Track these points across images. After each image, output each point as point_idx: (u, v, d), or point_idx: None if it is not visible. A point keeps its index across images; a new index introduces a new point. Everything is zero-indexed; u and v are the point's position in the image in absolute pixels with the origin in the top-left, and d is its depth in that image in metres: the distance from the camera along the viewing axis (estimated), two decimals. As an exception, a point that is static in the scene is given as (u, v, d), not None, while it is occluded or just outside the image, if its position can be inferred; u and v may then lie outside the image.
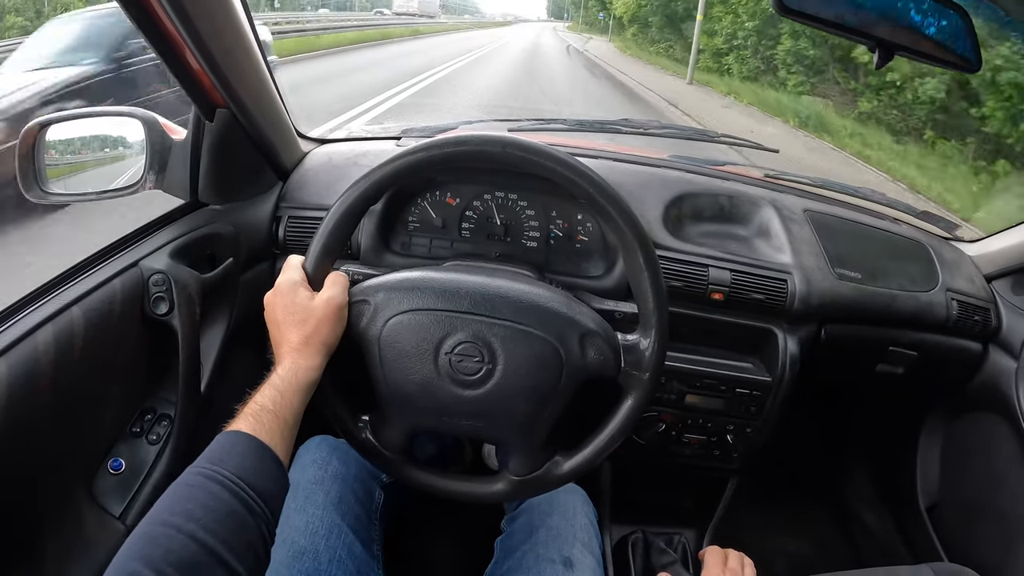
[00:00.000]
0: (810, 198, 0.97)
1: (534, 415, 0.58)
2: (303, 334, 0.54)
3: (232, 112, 0.72)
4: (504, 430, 0.59)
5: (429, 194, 0.84)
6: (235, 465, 0.44)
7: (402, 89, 7.09)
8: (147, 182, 0.74)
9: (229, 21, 0.63)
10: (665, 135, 0.98)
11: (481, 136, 0.57)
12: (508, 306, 0.56)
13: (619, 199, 0.56)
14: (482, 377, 0.56)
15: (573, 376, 0.56)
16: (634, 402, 0.58)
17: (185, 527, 0.39)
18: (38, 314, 0.57)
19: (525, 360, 0.56)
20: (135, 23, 0.59)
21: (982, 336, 0.93)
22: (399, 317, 0.56)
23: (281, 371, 0.52)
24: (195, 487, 0.42)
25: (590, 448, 0.60)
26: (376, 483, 0.75)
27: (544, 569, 0.65)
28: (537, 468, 0.61)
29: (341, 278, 0.58)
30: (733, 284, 0.82)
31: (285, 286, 0.56)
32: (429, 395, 0.57)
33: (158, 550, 0.38)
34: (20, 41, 4.00)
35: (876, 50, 0.61)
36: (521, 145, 0.56)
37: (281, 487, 0.48)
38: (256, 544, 0.42)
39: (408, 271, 0.60)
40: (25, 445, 0.55)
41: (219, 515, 0.41)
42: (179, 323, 0.68)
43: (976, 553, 0.96)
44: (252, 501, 0.43)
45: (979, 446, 1.00)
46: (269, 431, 0.48)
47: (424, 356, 0.56)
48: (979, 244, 1.00)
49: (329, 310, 0.55)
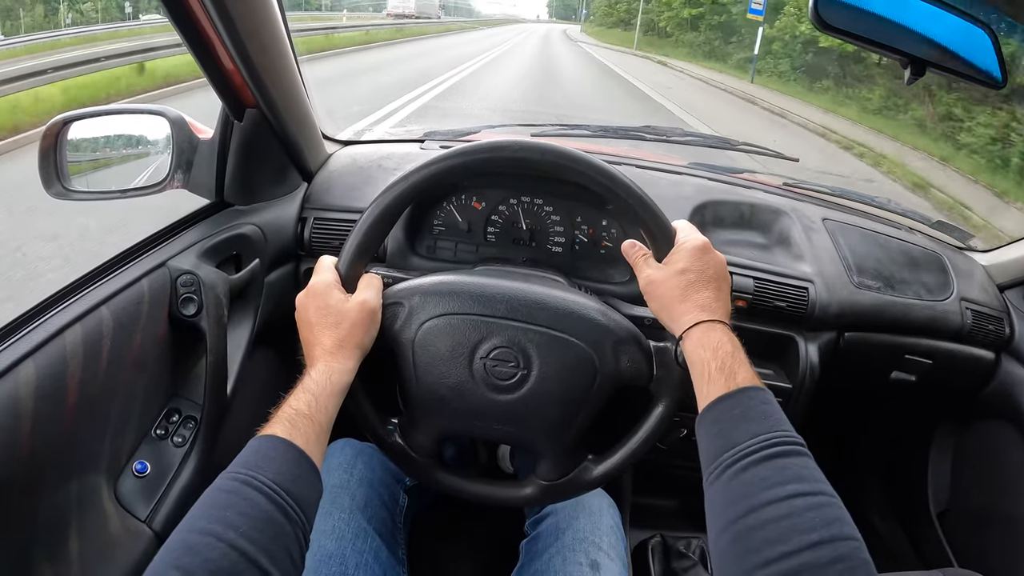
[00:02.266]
0: (828, 207, 0.98)
1: (566, 421, 0.58)
2: (337, 337, 0.54)
3: (262, 112, 0.72)
4: (535, 435, 0.59)
5: (455, 198, 0.84)
6: (273, 471, 0.43)
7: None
8: (174, 181, 0.73)
9: (267, 19, 0.63)
10: (687, 143, 0.99)
11: (526, 143, 0.57)
12: (544, 312, 0.56)
13: (656, 209, 0.57)
14: (517, 382, 0.56)
15: (606, 383, 0.57)
16: (664, 409, 0.59)
17: (224, 535, 0.38)
18: (67, 314, 0.56)
19: (560, 366, 0.56)
20: (171, 18, 0.59)
21: (995, 345, 0.95)
22: (434, 321, 0.56)
23: (315, 374, 0.52)
24: (232, 493, 0.42)
25: (620, 454, 0.60)
26: (400, 487, 0.75)
27: (572, 572, 0.65)
28: (567, 473, 0.61)
29: (375, 280, 0.58)
30: (756, 292, 0.83)
31: (319, 287, 0.56)
32: (462, 399, 0.57)
33: (196, 559, 0.37)
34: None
35: (908, 66, 0.62)
36: (565, 154, 0.56)
37: (316, 493, 0.47)
38: (293, 551, 0.42)
39: (442, 275, 0.59)
40: (51, 445, 0.54)
41: (257, 522, 0.40)
42: (207, 324, 0.67)
43: (987, 559, 0.97)
44: (290, 508, 0.43)
45: (990, 453, 1.01)
46: (305, 436, 0.47)
47: (459, 360, 0.56)
48: (992, 254, 1.01)
49: (364, 313, 0.55)
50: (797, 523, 0.38)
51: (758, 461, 0.41)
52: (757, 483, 0.40)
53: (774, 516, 0.38)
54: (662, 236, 0.57)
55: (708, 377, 0.49)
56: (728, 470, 0.42)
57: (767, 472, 0.40)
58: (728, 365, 0.48)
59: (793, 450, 0.42)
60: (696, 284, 0.53)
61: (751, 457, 0.41)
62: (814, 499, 0.39)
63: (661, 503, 0.98)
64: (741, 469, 0.41)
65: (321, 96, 0.78)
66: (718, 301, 0.53)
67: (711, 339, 0.51)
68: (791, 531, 0.37)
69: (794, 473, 0.40)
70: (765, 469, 0.40)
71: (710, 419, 0.47)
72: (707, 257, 0.55)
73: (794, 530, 0.37)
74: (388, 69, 9.45)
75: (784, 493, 0.39)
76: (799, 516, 0.38)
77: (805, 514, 0.38)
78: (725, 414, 0.46)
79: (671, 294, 0.54)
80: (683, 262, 0.54)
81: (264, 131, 0.75)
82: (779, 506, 0.38)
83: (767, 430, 0.43)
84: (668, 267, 0.55)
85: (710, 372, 0.49)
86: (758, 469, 0.41)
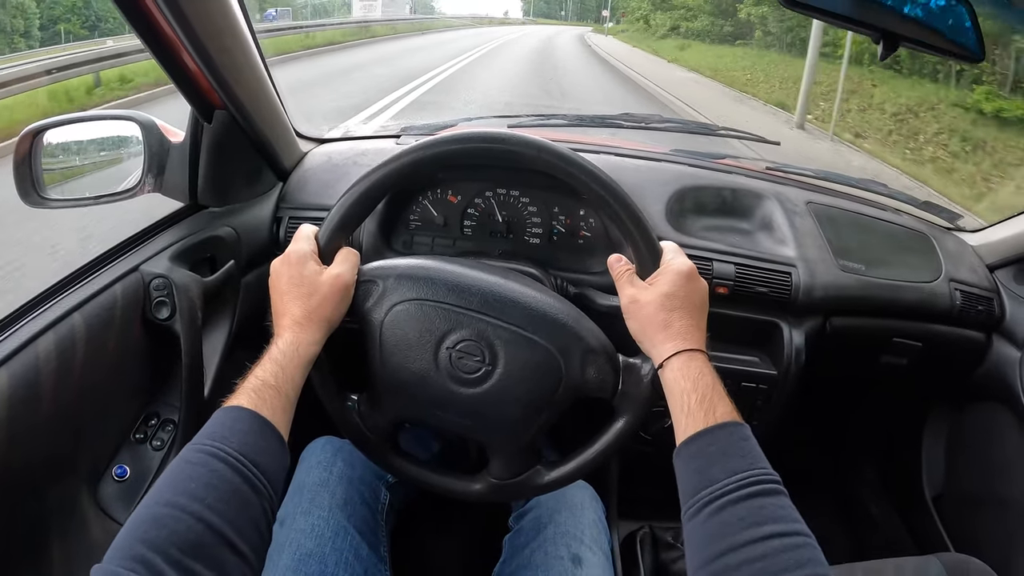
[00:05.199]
0: (812, 190, 0.96)
1: (525, 422, 0.57)
2: (307, 308, 0.53)
3: (230, 113, 0.72)
4: (492, 433, 0.59)
5: (430, 192, 0.84)
6: (238, 442, 0.43)
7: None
8: (145, 185, 0.73)
9: (227, 21, 0.63)
10: (666, 129, 0.98)
11: (517, 136, 0.56)
12: (517, 310, 0.55)
13: (647, 225, 0.56)
14: (480, 377, 0.55)
15: (570, 391, 0.56)
16: (624, 425, 0.57)
17: (189, 507, 0.38)
18: (39, 321, 0.57)
19: (525, 367, 0.55)
20: (129, 22, 0.58)
21: (986, 326, 0.93)
22: (406, 304, 0.56)
23: (282, 344, 0.51)
24: (198, 465, 0.41)
25: (574, 464, 0.60)
26: (382, 483, 0.74)
27: (553, 566, 0.64)
28: (518, 474, 0.60)
29: (352, 256, 0.57)
30: (737, 278, 0.82)
31: (294, 256, 0.55)
32: (423, 387, 0.56)
33: (162, 532, 0.37)
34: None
35: (880, 41, 0.60)
36: (591, 171, 0.56)
37: (283, 464, 0.47)
38: (260, 522, 0.42)
39: (420, 258, 0.59)
40: (29, 453, 0.54)
41: (223, 494, 0.40)
42: (181, 327, 0.67)
43: (983, 542, 0.96)
44: (256, 479, 0.42)
45: (984, 436, 1.00)
46: (271, 407, 0.47)
47: (425, 347, 0.55)
48: (981, 234, 0.99)
49: (336, 287, 0.54)
50: (773, 564, 0.39)
51: (736, 500, 0.42)
52: (735, 523, 0.41)
53: (751, 557, 0.40)
54: (650, 254, 0.56)
55: (688, 409, 0.48)
56: (707, 508, 0.43)
57: (745, 512, 0.42)
58: (708, 398, 0.48)
59: (771, 489, 0.43)
60: (680, 311, 0.53)
61: (729, 496, 0.42)
62: (790, 540, 0.40)
63: (648, 494, 0.97)
64: (719, 508, 0.42)
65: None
66: (699, 330, 0.53)
67: (692, 369, 0.50)
68: (766, 572, 0.39)
69: (771, 513, 0.42)
70: (743, 509, 0.42)
71: (689, 453, 0.47)
72: (692, 284, 0.54)
73: (769, 571, 0.39)
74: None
75: (761, 534, 0.40)
76: (775, 557, 0.39)
77: (781, 555, 0.39)
78: (704, 450, 0.46)
79: (654, 318, 0.53)
80: (668, 285, 0.54)
81: (234, 132, 0.74)
82: (756, 547, 0.40)
83: (746, 468, 0.44)
84: (653, 288, 0.54)
85: (690, 405, 0.48)
86: (736, 508, 0.42)
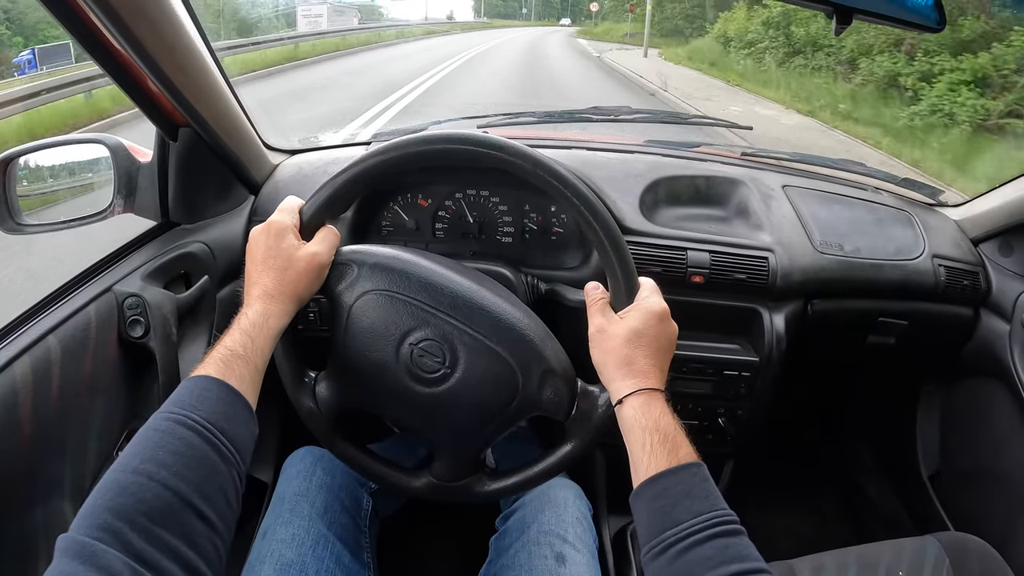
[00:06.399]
0: (788, 173, 0.95)
1: (474, 430, 0.58)
2: (279, 281, 0.53)
3: (195, 130, 0.72)
4: (441, 435, 0.59)
5: (400, 197, 0.84)
6: (206, 410, 0.43)
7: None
8: (116, 207, 0.74)
9: (178, 38, 0.63)
10: (637, 120, 0.97)
11: (504, 142, 0.55)
12: (485, 319, 0.55)
13: (629, 259, 0.55)
14: (438, 378, 0.56)
15: (524, 407, 0.56)
16: (572, 450, 0.58)
17: (157, 474, 0.38)
18: (13, 347, 0.57)
19: (484, 376, 0.55)
20: (83, 46, 0.59)
21: (972, 300, 0.92)
22: (377, 294, 0.56)
23: (252, 315, 0.51)
24: (165, 433, 0.41)
25: (516, 479, 0.60)
26: (364, 490, 0.75)
27: (536, 566, 0.64)
28: (459, 479, 0.61)
29: (332, 235, 0.57)
30: (713, 266, 0.81)
31: (275, 227, 0.55)
32: (380, 378, 0.56)
33: (129, 499, 0.37)
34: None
35: (833, 15, 0.59)
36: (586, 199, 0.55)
37: (251, 433, 0.47)
38: (228, 491, 0.42)
39: (401, 249, 0.58)
40: (11, 475, 0.55)
41: (191, 461, 0.40)
42: (156, 345, 0.68)
43: (981, 519, 0.95)
44: (224, 447, 0.42)
45: (977, 411, 0.99)
46: (239, 376, 0.47)
47: (388, 339, 0.55)
48: (963, 208, 0.98)
49: (311, 265, 0.54)
50: None
51: (702, 541, 0.43)
52: (703, 562, 0.42)
53: None
54: (627, 288, 0.55)
55: (649, 447, 0.48)
56: (672, 548, 0.44)
57: (711, 551, 0.43)
58: (672, 438, 0.48)
59: (733, 529, 0.44)
60: (644, 349, 0.53)
61: (695, 536, 0.43)
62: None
63: None
64: (686, 548, 0.43)
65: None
66: (661, 371, 0.53)
67: (653, 409, 0.50)
68: None
69: (735, 552, 0.43)
70: (709, 549, 0.43)
71: (652, 493, 0.47)
72: (663, 326, 0.54)
73: None
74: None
75: (728, 572, 0.41)
76: None
77: None
78: (670, 490, 0.46)
79: (618, 352, 0.53)
80: (638, 322, 0.54)
81: (201, 148, 0.75)
82: None
83: (708, 509, 0.45)
84: (622, 323, 0.54)
85: (652, 443, 0.48)
86: (702, 549, 0.43)
